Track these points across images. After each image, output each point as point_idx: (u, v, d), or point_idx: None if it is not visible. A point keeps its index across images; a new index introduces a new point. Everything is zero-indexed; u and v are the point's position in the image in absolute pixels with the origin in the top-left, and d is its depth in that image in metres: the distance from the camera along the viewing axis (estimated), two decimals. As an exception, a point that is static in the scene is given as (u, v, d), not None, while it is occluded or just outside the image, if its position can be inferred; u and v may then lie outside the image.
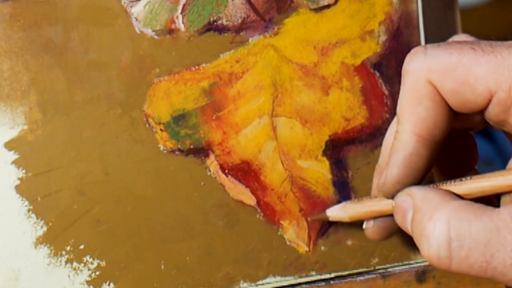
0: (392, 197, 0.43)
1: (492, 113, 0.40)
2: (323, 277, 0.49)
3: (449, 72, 0.39)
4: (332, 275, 0.49)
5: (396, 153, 0.41)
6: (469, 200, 0.40)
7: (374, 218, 0.45)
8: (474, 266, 0.38)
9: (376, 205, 0.44)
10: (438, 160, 0.44)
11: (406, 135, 0.41)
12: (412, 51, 0.41)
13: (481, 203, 0.39)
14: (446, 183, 0.42)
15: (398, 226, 0.43)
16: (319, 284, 0.48)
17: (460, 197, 0.40)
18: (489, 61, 0.38)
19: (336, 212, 0.47)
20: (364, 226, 0.46)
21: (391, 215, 0.43)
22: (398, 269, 0.49)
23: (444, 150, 0.44)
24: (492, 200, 0.41)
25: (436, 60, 0.39)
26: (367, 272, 0.49)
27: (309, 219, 0.48)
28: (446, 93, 0.40)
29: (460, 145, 0.44)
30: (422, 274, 0.49)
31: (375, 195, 0.45)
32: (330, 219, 0.47)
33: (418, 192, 0.41)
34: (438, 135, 0.41)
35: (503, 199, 0.41)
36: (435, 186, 0.42)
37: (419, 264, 0.49)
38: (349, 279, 0.49)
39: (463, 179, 0.41)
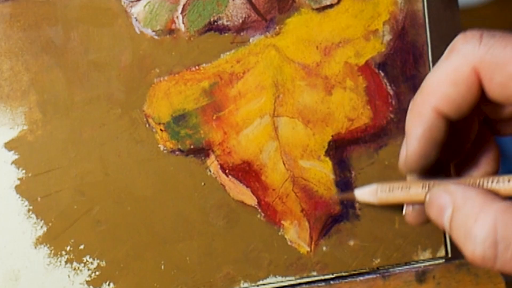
0: (417, 172, 0.42)
1: None
2: (324, 277, 0.48)
3: (501, 66, 0.39)
4: (334, 275, 0.48)
5: (415, 127, 0.41)
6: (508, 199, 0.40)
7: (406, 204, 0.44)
8: None
9: (407, 194, 0.43)
10: (458, 163, 0.44)
11: (427, 107, 0.41)
12: (469, 33, 0.40)
13: None
14: (481, 181, 0.41)
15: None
16: (319, 284, 0.48)
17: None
18: None
19: (365, 196, 0.45)
20: (404, 211, 0.44)
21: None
22: (398, 269, 0.49)
23: (467, 154, 0.44)
24: None
25: (490, 51, 0.39)
26: (367, 272, 0.49)
27: (337, 196, 0.48)
28: (492, 85, 0.40)
29: (483, 152, 0.44)
30: (422, 274, 0.49)
31: (407, 182, 0.43)
32: (358, 200, 0.45)
33: (457, 190, 0.40)
34: (457, 116, 0.41)
35: None
36: (470, 183, 0.41)
37: (419, 264, 0.49)
38: (349, 279, 0.48)
39: (500, 178, 0.41)
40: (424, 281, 0.48)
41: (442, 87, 0.40)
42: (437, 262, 0.49)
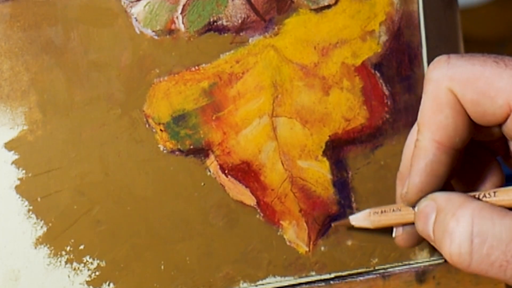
0: (415, 205, 0.43)
1: (510, 127, 0.40)
2: (323, 277, 0.49)
3: (471, 83, 0.40)
4: (332, 275, 0.49)
5: (417, 162, 0.42)
6: None
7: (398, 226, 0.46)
8: (494, 264, 0.38)
9: (399, 215, 0.45)
10: (461, 180, 0.44)
11: (427, 143, 0.41)
12: (436, 60, 0.41)
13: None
14: (469, 194, 0.42)
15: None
16: (319, 285, 0.48)
17: None
18: (511, 75, 0.38)
19: (360, 221, 0.47)
20: (393, 234, 0.46)
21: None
22: (398, 269, 0.49)
23: (469, 175, 0.44)
24: None
25: (459, 69, 0.40)
26: (367, 272, 0.49)
27: (333, 224, 0.48)
28: (466, 103, 0.40)
29: (484, 170, 0.45)
30: (422, 274, 0.49)
31: (399, 204, 0.45)
32: (354, 225, 0.48)
33: (441, 195, 0.41)
34: (459, 143, 0.41)
35: None
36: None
37: (419, 264, 0.49)
38: (349, 279, 0.49)
39: (489, 190, 0.42)
40: (424, 281, 0.49)
41: (432, 119, 0.41)
42: (437, 262, 0.49)
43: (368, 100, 0.49)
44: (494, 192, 0.41)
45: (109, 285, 0.46)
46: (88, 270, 0.46)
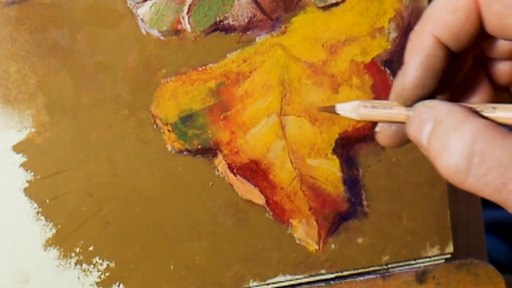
0: (411, 103, 0.41)
1: None
2: (322, 277, 0.48)
3: None
4: (333, 275, 0.48)
5: (413, 56, 0.41)
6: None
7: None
8: (490, 185, 0.37)
9: (390, 112, 0.42)
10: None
11: (425, 36, 0.40)
12: None
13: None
14: (468, 105, 0.41)
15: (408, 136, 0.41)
16: (319, 284, 0.48)
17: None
18: None
19: (347, 112, 0.43)
20: (377, 129, 0.43)
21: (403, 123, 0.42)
22: (398, 269, 0.49)
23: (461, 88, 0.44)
24: None
25: None
26: (367, 272, 0.49)
27: (318, 108, 0.47)
28: (489, 14, 0.40)
29: (477, 86, 0.44)
30: (422, 275, 0.48)
31: (392, 102, 0.42)
32: (338, 114, 0.44)
33: (441, 105, 0.40)
34: (456, 46, 0.41)
35: None
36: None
37: (419, 264, 0.49)
38: (349, 279, 0.48)
39: (487, 105, 0.41)
40: (424, 281, 0.48)
41: (441, 15, 0.40)
42: (437, 262, 0.49)
43: (379, 97, 0.48)
44: (494, 108, 0.40)
45: (119, 285, 0.46)
46: (98, 271, 0.46)
